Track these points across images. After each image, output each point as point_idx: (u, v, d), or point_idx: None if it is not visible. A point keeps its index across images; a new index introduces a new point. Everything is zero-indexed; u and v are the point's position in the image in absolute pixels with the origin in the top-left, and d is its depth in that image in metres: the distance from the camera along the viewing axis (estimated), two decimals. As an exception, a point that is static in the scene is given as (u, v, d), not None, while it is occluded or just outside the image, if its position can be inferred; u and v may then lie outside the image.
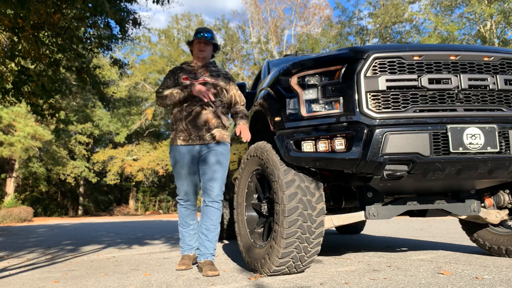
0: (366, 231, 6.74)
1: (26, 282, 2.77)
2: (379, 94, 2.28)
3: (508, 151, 2.32)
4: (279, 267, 2.50)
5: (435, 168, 2.26)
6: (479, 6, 17.45)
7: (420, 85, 2.29)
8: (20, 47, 6.46)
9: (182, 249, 3.16)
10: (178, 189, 3.11)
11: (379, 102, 2.28)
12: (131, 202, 34.94)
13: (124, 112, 31.46)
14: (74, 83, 13.95)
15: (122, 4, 7.14)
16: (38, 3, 5.26)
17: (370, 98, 2.28)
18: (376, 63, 2.31)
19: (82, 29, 7.31)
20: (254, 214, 2.99)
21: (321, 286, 2.22)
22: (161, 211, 33.93)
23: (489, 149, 2.27)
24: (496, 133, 2.28)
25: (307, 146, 2.43)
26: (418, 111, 2.28)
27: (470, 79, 2.34)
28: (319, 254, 3.56)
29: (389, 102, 2.28)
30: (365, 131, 2.24)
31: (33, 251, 5.00)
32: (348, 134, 2.30)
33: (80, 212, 32.68)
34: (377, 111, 2.26)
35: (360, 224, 6.15)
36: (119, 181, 31.34)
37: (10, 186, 26.06)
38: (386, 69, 2.31)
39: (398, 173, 2.28)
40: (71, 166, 28.84)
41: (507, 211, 3.06)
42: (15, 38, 6.19)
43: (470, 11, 18.78)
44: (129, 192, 35.44)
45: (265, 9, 30.34)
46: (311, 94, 2.45)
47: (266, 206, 2.83)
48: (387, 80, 2.28)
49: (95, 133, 30.33)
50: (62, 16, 5.97)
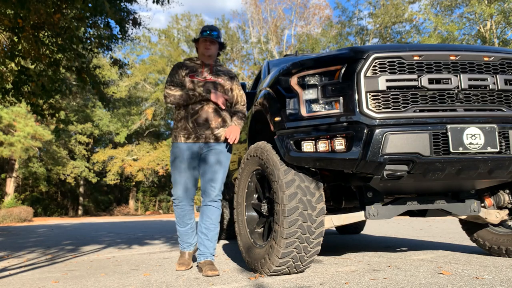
0: (366, 231, 6.74)
1: (26, 282, 2.77)
2: (379, 94, 2.28)
3: (508, 151, 2.32)
4: (279, 267, 2.50)
5: (435, 168, 2.26)
6: (479, 6, 17.45)
7: (420, 85, 2.29)
8: (20, 47, 6.47)
9: (181, 246, 3.15)
10: (175, 187, 3.01)
11: (379, 102, 2.28)
12: (131, 202, 34.95)
13: (124, 112, 31.47)
14: (74, 83, 13.96)
15: (122, 4, 7.14)
16: (38, 3, 5.26)
17: (370, 98, 2.28)
18: (376, 63, 2.31)
19: (82, 29, 7.32)
20: (254, 214, 2.99)
21: (321, 286, 2.22)
22: (161, 211, 33.93)
23: (489, 149, 2.27)
24: (496, 133, 2.28)
25: (307, 146, 2.43)
26: (418, 111, 2.28)
27: (470, 79, 2.34)
28: (319, 254, 3.56)
29: (389, 102, 2.28)
30: (365, 131, 2.25)
31: (33, 251, 5.00)
32: (348, 134, 2.30)
33: (80, 212, 32.69)
34: (377, 111, 2.26)
35: (360, 224, 6.15)
36: (119, 181, 31.35)
37: (10, 186, 26.07)
38: (386, 69, 2.31)
39: (398, 173, 2.28)
40: (71, 166, 28.85)
41: (507, 211, 3.06)
42: (15, 38, 6.19)
43: (470, 11, 18.78)
44: (129, 192, 35.45)
45: (265, 9, 30.39)
46: (311, 94, 2.45)
47: (266, 206, 2.83)
48: (387, 80, 2.28)
49: (95, 133, 30.34)
50: (62, 16, 5.98)
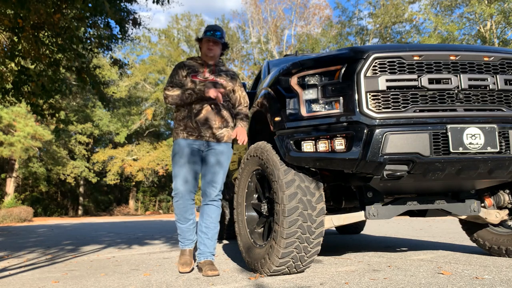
0: (366, 231, 6.74)
1: (26, 282, 2.77)
2: (379, 94, 2.28)
3: (508, 151, 2.32)
4: (279, 267, 2.50)
5: (435, 168, 2.26)
6: (479, 6, 17.45)
7: (420, 85, 2.29)
8: (20, 47, 6.47)
9: (182, 243, 3.06)
10: (174, 180, 2.93)
11: (379, 102, 2.28)
12: (131, 202, 34.94)
13: (124, 112, 31.47)
14: (74, 83, 13.97)
15: (122, 4, 7.14)
16: (38, 3, 5.26)
17: (370, 98, 2.28)
18: (376, 63, 2.31)
19: (82, 29, 7.32)
20: (254, 214, 2.99)
21: (321, 286, 2.22)
22: (161, 211, 33.92)
23: (489, 149, 2.27)
24: (496, 133, 2.28)
25: (307, 146, 2.43)
26: (418, 111, 2.28)
27: (470, 79, 2.34)
28: (319, 254, 3.56)
29: (389, 102, 2.28)
30: (365, 131, 2.25)
31: (33, 251, 5.00)
32: (348, 134, 2.30)
33: (80, 212, 32.69)
34: (377, 111, 2.26)
35: (360, 224, 6.15)
36: (119, 181, 31.34)
37: (10, 186, 26.07)
38: (386, 69, 2.31)
39: (398, 173, 2.28)
40: (71, 166, 28.84)
41: (507, 211, 3.06)
42: (15, 38, 6.19)
43: (470, 11, 18.78)
44: (129, 192, 35.44)
45: (265, 9, 30.38)
46: (311, 94, 2.45)
47: (266, 206, 2.83)
48: (387, 80, 2.28)
49: (95, 133, 30.33)
50: (62, 16, 5.98)
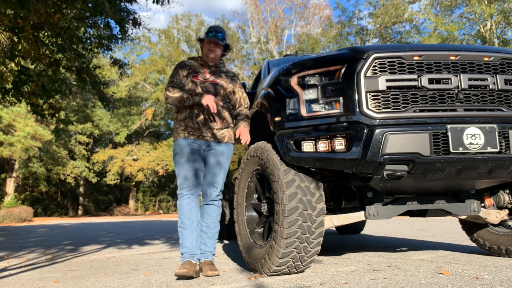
0: (366, 231, 6.74)
1: (26, 282, 2.77)
2: (379, 94, 2.29)
3: (508, 151, 2.32)
4: (279, 267, 2.50)
5: (435, 168, 2.26)
6: (479, 6, 17.44)
7: (420, 85, 2.29)
8: (20, 47, 6.47)
9: (183, 255, 2.79)
10: (178, 179, 2.88)
11: (379, 102, 2.28)
12: (131, 202, 34.94)
13: (124, 112, 31.46)
14: (74, 83, 13.97)
15: (122, 4, 7.14)
16: (38, 3, 5.26)
17: (370, 98, 2.28)
18: (376, 63, 2.31)
19: (82, 29, 7.32)
20: (254, 214, 2.99)
21: (321, 286, 2.22)
22: (161, 211, 33.93)
23: (489, 149, 2.27)
24: (496, 133, 2.29)
25: (307, 146, 2.43)
26: (418, 111, 2.28)
27: (470, 79, 2.34)
28: (319, 254, 3.56)
29: (389, 102, 2.28)
30: (365, 131, 2.25)
31: (33, 251, 5.00)
32: (348, 134, 2.30)
33: (80, 212, 32.68)
34: (377, 111, 2.26)
35: (360, 224, 6.15)
36: (119, 181, 31.33)
37: (10, 186, 26.06)
38: (386, 69, 2.31)
39: (398, 173, 2.28)
40: (71, 166, 28.83)
41: (507, 211, 3.06)
42: (15, 38, 6.19)
43: (470, 11, 18.77)
44: (129, 192, 35.44)
45: (265, 9, 30.38)
46: (311, 94, 2.45)
47: (266, 206, 2.83)
48: (387, 80, 2.28)
49: (95, 133, 30.33)
50: (62, 16, 5.98)
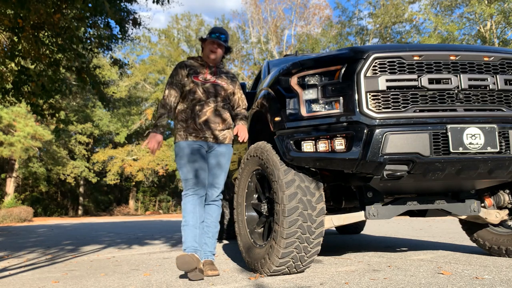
0: (366, 231, 6.74)
1: (26, 282, 2.77)
2: (379, 94, 2.29)
3: (508, 151, 2.32)
4: (279, 267, 2.50)
5: (435, 168, 2.26)
6: (479, 6, 17.44)
7: (420, 85, 2.29)
8: (20, 47, 6.47)
9: (185, 251, 2.72)
10: (187, 178, 2.81)
11: (379, 102, 2.28)
12: (131, 202, 34.94)
13: (124, 112, 31.46)
14: (74, 83, 13.96)
15: (122, 4, 7.14)
16: (38, 3, 5.26)
17: (370, 98, 2.28)
18: (376, 63, 2.31)
19: (82, 29, 7.32)
20: (254, 214, 2.99)
21: (321, 286, 2.22)
22: (161, 211, 33.93)
23: (489, 149, 2.27)
24: (496, 133, 2.29)
25: (307, 146, 2.43)
26: (418, 111, 2.28)
27: (470, 79, 2.34)
28: (319, 254, 3.56)
29: (389, 102, 2.28)
30: (365, 131, 2.25)
31: (33, 251, 5.00)
32: (348, 134, 2.30)
33: (80, 212, 32.68)
34: (377, 111, 2.26)
35: (360, 224, 6.15)
36: (119, 181, 31.33)
37: (10, 186, 26.06)
38: (386, 69, 2.31)
39: (398, 173, 2.28)
40: (71, 166, 28.84)
41: (507, 211, 3.06)
42: (15, 38, 6.19)
43: (470, 11, 18.77)
44: (129, 192, 35.44)
45: (265, 9, 30.37)
46: (311, 94, 2.45)
47: (266, 206, 2.83)
48: (387, 80, 2.28)
49: (95, 133, 30.33)
50: (62, 16, 5.98)
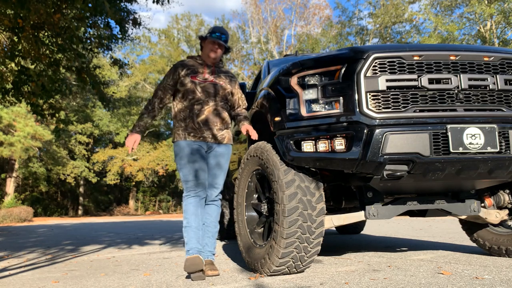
0: (366, 231, 6.74)
1: (26, 282, 2.77)
2: (379, 94, 2.29)
3: (508, 151, 2.32)
4: (279, 267, 2.50)
5: (435, 168, 2.26)
6: (479, 6, 17.44)
7: (420, 85, 2.29)
8: (20, 47, 6.46)
9: (189, 252, 2.68)
10: (188, 180, 2.79)
11: (379, 102, 2.28)
12: (131, 202, 34.94)
13: (124, 112, 31.47)
14: (74, 83, 13.96)
15: (122, 4, 7.14)
16: (38, 3, 5.26)
17: (370, 98, 2.28)
18: (376, 63, 2.31)
19: (82, 29, 7.32)
20: (254, 214, 2.99)
21: (321, 286, 2.22)
22: (161, 211, 33.92)
23: (489, 149, 2.27)
24: (496, 133, 2.29)
25: (307, 146, 2.43)
26: (418, 111, 2.28)
27: (470, 79, 2.34)
28: (319, 254, 3.56)
29: (389, 102, 2.28)
30: (365, 131, 2.25)
31: (33, 251, 5.00)
32: (348, 134, 2.30)
33: (80, 212, 32.68)
34: (377, 111, 2.26)
35: (360, 224, 6.15)
36: (119, 181, 31.33)
37: (10, 186, 26.06)
38: (386, 69, 2.31)
39: (398, 173, 2.28)
40: (71, 166, 28.84)
41: (507, 211, 3.06)
42: (15, 38, 6.19)
43: (470, 11, 18.77)
44: (129, 192, 35.44)
45: (265, 9, 30.36)
46: (311, 94, 2.45)
47: (266, 206, 2.83)
48: (387, 80, 2.28)
49: (95, 133, 30.34)
50: (62, 16, 5.98)
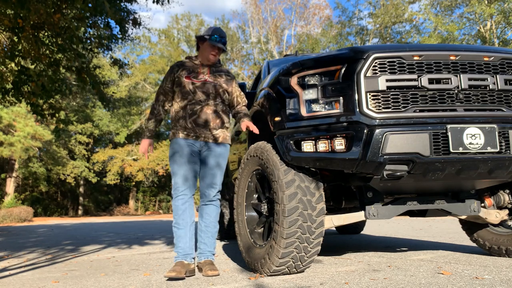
0: (366, 231, 6.74)
1: (26, 282, 2.77)
2: (379, 94, 2.29)
3: (508, 151, 2.32)
4: (279, 267, 2.50)
5: (435, 168, 2.26)
6: (479, 6, 17.44)
7: (420, 85, 2.29)
8: (20, 47, 6.46)
9: (176, 255, 2.83)
10: (174, 177, 2.86)
11: (379, 102, 2.28)
12: (131, 202, 34.94)
13: (124, 112, 31.46)
14: (74, 83, 13.96)
15: (122, 4, 7.14)
16: (38, 3, 5.25)
17: (370, 98, 2.28)
18: (376, 63, 2.31)
19: (82, 29, 7.31)
20: (254, 214, 2.99)
21: (321, 286, 2.22)
22: (161, 211, 33.92)
23: (489, 149, 2.27)
24: (496, 133, 2.29)
25: (307, 146, 2.43)
26: (418, 111, 2.28)
27: (470, 79, 2.34)
28: (319, 254, 3.56)
29: (389, 102, 2.28)
30: (365, 131, 2.25)
31: (33, 251, 5.00)
32: (348, 134, 2.30)
33: (80, 212, 32.68)
34: (377, 111, 2.26)
35: (360, 224, 6.15)
36: (119, 181, 31.33)
37: (10, 186, 26.06)
38: (386, 69, 2.31)
39: (398, 173, 2.28)
40: (71, 166, 28.84)
41: (507, 211, 3.06)
42: (15, 38, 6.19)
43: (470, 11, 18.77)
44: (129, 192, 35.43)
45: (265, 9, 30.36)
46: (311, 94, 2.45)
47: (266, 206, 2.83)
48: (387, 80, 2.28)
49: (95, 133, 30.33)
50: (62, 16, 5.97)
